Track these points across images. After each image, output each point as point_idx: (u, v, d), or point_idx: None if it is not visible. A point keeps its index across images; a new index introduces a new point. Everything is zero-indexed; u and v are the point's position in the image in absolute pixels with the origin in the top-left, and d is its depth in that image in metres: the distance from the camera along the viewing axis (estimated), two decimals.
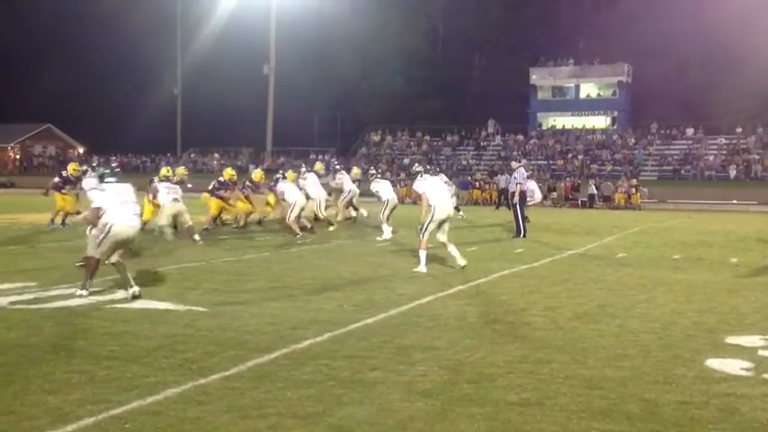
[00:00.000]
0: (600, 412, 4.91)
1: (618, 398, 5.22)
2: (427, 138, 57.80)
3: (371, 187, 19.06)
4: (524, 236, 17.51)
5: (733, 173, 43.28)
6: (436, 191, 11.87)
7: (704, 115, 50.63)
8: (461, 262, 11.74)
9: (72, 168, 19.35)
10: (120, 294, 8.97)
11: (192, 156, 60.91)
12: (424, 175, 12.70)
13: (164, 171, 17.52)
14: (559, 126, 58.63)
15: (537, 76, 60.20)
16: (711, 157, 46.20)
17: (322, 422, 4.64)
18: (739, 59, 50.53)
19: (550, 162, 49.91)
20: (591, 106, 58.99)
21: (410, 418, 4.73)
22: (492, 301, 9.10)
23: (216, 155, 59.34)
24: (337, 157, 50.03)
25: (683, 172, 45.94)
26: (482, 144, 56.11)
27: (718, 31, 49.64)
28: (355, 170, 22.37)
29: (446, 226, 11.85)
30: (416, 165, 14.68)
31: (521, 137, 55.43)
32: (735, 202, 37.30)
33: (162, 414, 4.76)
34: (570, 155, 50.14)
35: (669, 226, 23.98)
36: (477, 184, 42.84)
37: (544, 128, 59.04)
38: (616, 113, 58.39)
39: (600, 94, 60.14)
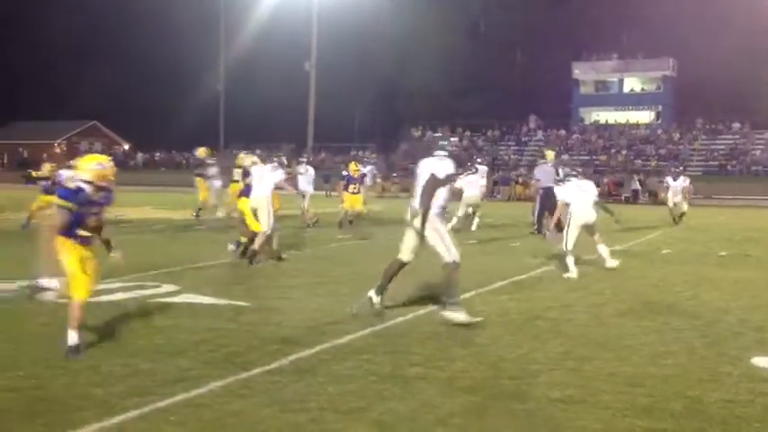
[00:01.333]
0: (643, 410, 4.86)
1: (661, 395, 5.16)
2: (468, 133, 57.60)
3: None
4: (539, 232, 17.06)
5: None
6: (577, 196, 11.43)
7: (751, 109, 49.71)
8: (612, 263, 11.51)
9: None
10: (165, 288, 9.11)
11: (234, 152, 61.48)
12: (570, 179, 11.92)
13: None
14: (602, 121, 58.01)
15: (579, 71, 59.64)
16: (758, 152, 45.32)
17: (363, 417, 4.66)
18: None
19: (593, 157, 49.39)
20: (635, 101, 58.25)
21: (450, 414, 4.73)
22: (534, 298, 9.05)
23: (258, 151, 59.82)
24: (377, 152, 50.18)
25: (729, 167, 45.13)
26: (523, 139, 55.75)
27: (764, 23, 48.66)
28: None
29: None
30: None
31: (563, 132, 54.96)
32: None
33: (206, 407, 4.82)
34: (613, 150, 49.57)
35: (715, 222, 23.60)
36: (519, 179, 42.61)
37: (587, 123, 58.44)
38: (660, 108, 57.55)
39: (644, 88, 59.35)
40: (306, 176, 19.98)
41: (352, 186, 17.78)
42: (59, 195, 6.38)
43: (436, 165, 7.46)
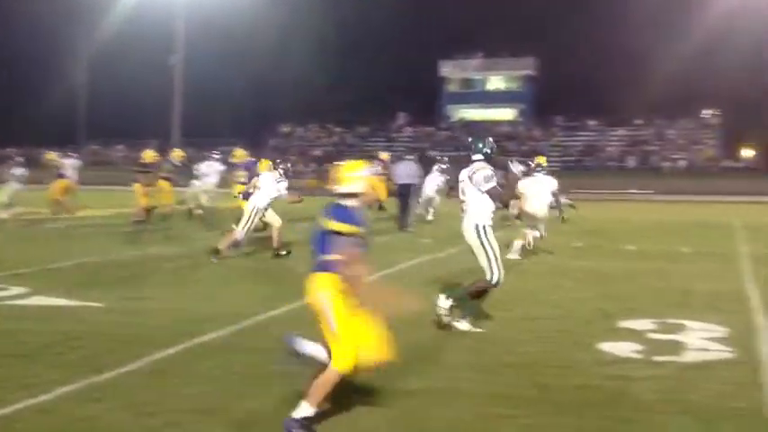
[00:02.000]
0: (499, 398, 4.99)
1: (516, 384, 5.33)
2: (338, 129, 57.81)
3: None
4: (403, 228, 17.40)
5: (632, 163, 44.90)
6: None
7: (606, 108, 52.38)
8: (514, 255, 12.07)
9: None
10: (15, 291, 8.63)
11: (94, 147, 59.15)
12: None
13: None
14: (469, 118, 59.54)
15: (446, 69, 60.94)
16: (612, 148, 47.80)
17: (222, 417, 4.56)
18: (638, 56, 52.46)
19: (460, 153, 50.59)
20: (499, 99, 60.19)
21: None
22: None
23: (120, 147, 57.82)
24: (248, 149, 49.41)
25: (585, 163, 47.37)
26: (392, 135, 56.45)
27: (621, 29, 51.37)
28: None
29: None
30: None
31: (431, 128, 56.07)
32: (633, 191, 38.72)
33: (53, 413, 4.59)
34: None
35: (571, 215, 24.62)
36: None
37: (453, 120, 59.84)
38: (523, 106, 59.69)
39: (508, 86, 61.34)
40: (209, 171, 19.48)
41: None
42: None
43: (478, 178, 6.91)
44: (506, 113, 59.58)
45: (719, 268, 11.57)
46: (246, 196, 12.58)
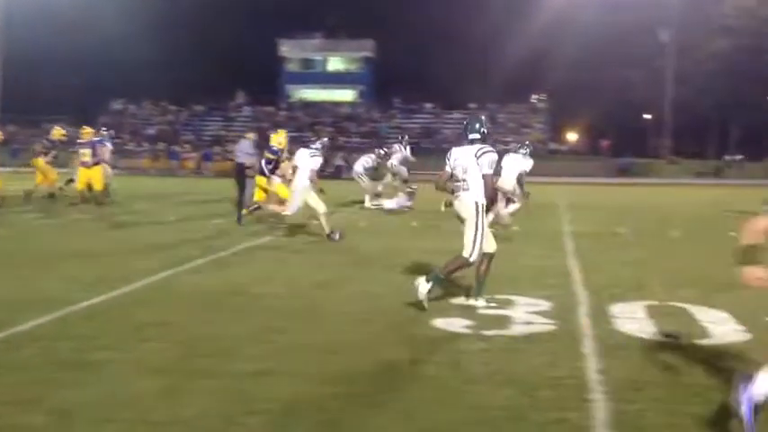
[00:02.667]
0: (336, 376, 4.99)
1: (354, 361, 5.36)
2: (173, 108, 56.10)
3: None
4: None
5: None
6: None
7: (442, 91, 53.80)
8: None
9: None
10: None
11: None
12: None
13: None
14: (309, 98, 59.42)
15: (286, 48, 60.45)
16: (448, 131, 49.23)
17: (41, 407, 4.30)
18: (474, 41, 54.22)
19: (301, 134, 50.46)
20: (338, 80, 60.47)
21: (137, 397, 4.52)
22: (234, 274, 9.00)
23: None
24: (75, 126, 46.94)
25: (422, 145, 48.47)
26: (231, 115, 55.45)
27: (459, 14, 52.92)
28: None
29: None
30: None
31: (271, 108, 55.52)
32: None
33: None
34: (318, 127, 51.01)
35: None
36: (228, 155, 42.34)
37: (294, 100, 59.54)
38: (363, 87, 60.28)
39: (347, 68, 61.70)
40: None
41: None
42: None
43: (485, 161, 7.12)
44: (346, 95, 60.00)
45: (545, 246, 12.17)
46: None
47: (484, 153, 7.15)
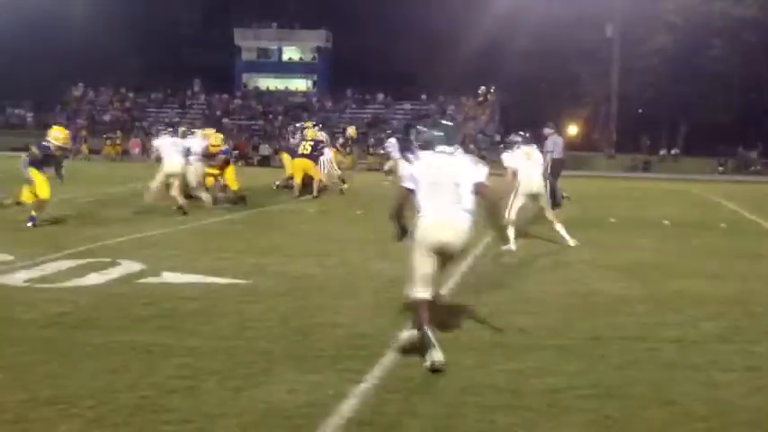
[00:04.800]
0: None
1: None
2: (131, 95, 56.60)
3: None
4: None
5: (413, 136, 47.76)
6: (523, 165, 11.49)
7: (394, 81, 54.97)
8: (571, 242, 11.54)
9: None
10: None
11: None
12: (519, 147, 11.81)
13: None
14: (263, 87, 60.27)
15: (242, 37, 61.16)
16: (396, 121, 50.50)
17: None
18: (426, 33, 55.39)
19: (254, 122, 51.45)
20: (293, 69, 61.33)
21: None
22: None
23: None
24: (33, 112, 47.36)
25: (370, 136, 49.70)
26: (187, 103, 56.15)
27: (410, 6, 53.95)
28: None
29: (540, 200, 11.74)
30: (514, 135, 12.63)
31: (226, 96, 56.32)
32: None
33: None
34: (271, 116, 52.01)
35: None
36: None
37: (249, 88, 60.35)
38: (316, 77, 61.26)
39: (302, 58, 62.60)
40: None
41: None
42: None
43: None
44: (301, 84, 60.97)
45: None
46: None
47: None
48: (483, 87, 54.06)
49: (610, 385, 5.21)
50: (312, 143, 20.09)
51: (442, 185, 5.73)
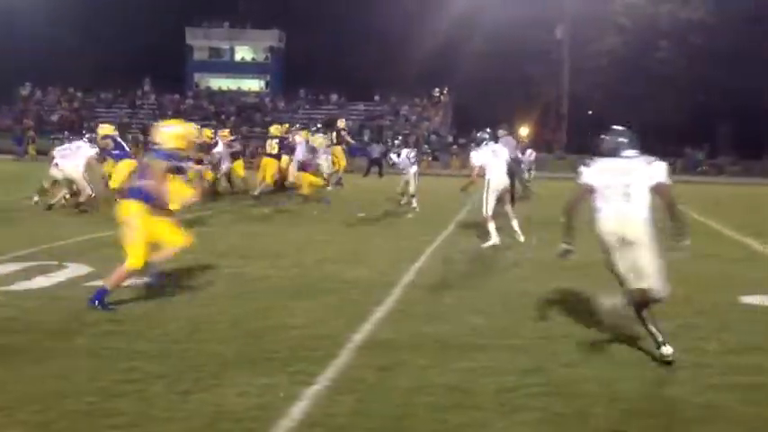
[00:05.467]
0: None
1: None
2: (79, 95, 55.60)
3: None
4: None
5: (366, 136, 47.68)
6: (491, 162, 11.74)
7: (348, 82, 54.89)
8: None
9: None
10: None
11: None
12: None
13: None
14: (216, 88, 59.71)
15: (193, 37, 60.52)
16: (350, 122, 50.43)
17: None
18: (380, 34, 55.42)
19: (206, 123, 50.86)
20: (245, 69, 60.89)
21: None
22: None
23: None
24: None
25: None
26: (137, 103, 55.36)
27: (364, 7, 53.98)
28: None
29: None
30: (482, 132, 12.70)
31: (177, 96, 55.66)
32: None
33: None
34: (224, 116, 51.53)
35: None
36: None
37: (201, 88, 59.74)
38: (269, 77, 60.89)
39: (254, 58, 62.17)
40: None
41: None
42: None
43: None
44: (253, 84, 60.54)
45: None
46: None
47: None
48: (437, 88, 54.29)
49: (560, 383, 5.26)
50: (278, 141, 19.94)
51: (619, 187, 6.04)
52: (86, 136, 17.82)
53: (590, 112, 58.47)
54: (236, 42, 61.55)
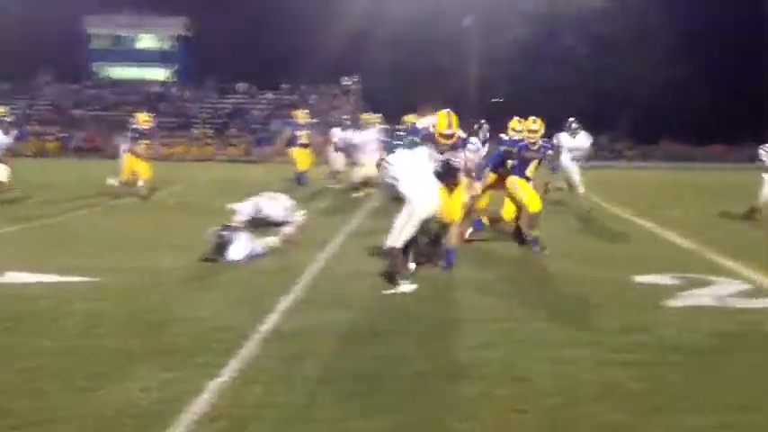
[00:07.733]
0: None
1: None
2: None
3: None
4: None
5: (274, 126, 47.01)
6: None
7: (257, 71, 54.17)
8: None
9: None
10: None
11: None
12: None
13: None
14: (118, 77, 57.95)
15: (92, 23, 58.50)
16: (257, 112, 50.01)
17: None
18: (288, 23, 54.88)
19: (108, 113, 49.41)
20: (150, 58, 59.31)
21: None
22: None
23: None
24: None
25: (231, 125, 48.96)
26: (35, 93, 53.27)
27: None
28: None
29: None
30: None
31: (76, 86, 53.84)
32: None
33: None
34: (127, 107, 50.10)
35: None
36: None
37: (102, 78, 57.88)
38: (176, 66, 59.50)
39: (160, 46, 60.59)
40: None
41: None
42: None
43: None
44: (158, 73, 58.98)
45: None
46: None
47: None
48: (346, 77, 54.19)
49: (466, 366, 5.33)
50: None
51: None
52: None
53: (500, 100, 59.47)
54: (140, 30, 59.77)
